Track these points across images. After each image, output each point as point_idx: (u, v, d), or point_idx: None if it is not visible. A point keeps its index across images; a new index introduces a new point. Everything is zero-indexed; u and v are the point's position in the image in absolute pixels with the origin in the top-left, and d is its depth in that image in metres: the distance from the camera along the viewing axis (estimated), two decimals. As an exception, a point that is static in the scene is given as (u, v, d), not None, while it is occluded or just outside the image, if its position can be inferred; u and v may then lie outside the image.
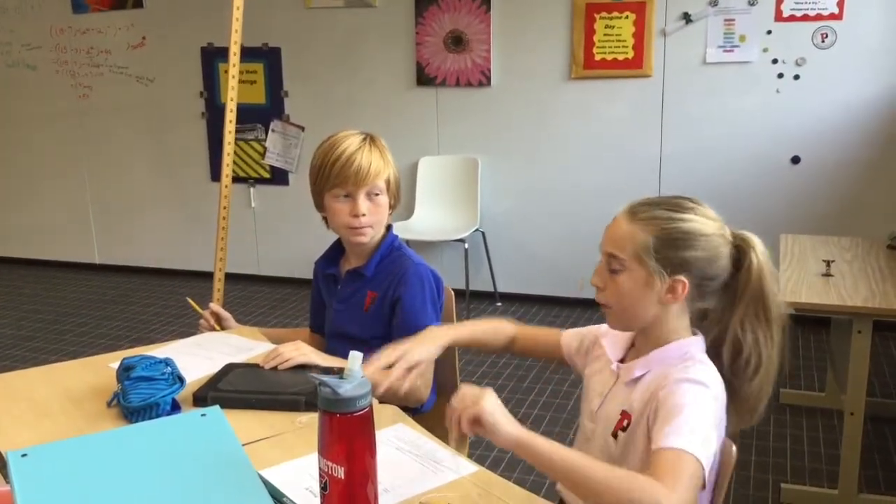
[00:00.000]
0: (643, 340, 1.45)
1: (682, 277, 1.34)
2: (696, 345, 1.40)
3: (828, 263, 2.79)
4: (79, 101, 5.51)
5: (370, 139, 1.92)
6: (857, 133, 4.18)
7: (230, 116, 2.42)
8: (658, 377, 1.36)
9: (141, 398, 1.54)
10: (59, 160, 5.67)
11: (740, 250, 1.38)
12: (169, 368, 1.62)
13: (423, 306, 1.91)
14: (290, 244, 5.19)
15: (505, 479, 1.32)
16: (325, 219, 1.98)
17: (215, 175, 5.31)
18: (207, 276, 2.19)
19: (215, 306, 2.14)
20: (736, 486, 2.81)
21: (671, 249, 1.34)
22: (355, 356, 1.15)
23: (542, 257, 4.77)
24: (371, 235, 1.93)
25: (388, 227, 2.00)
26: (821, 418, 3.31)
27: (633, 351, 1.49)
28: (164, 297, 5.09)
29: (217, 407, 1.31)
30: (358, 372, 1.13)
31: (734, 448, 1.41)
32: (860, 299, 2.50)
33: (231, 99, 2.44)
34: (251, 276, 5.33)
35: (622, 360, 1.48)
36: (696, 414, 1.26)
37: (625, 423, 1.39)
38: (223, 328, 2.10)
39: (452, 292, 2.07)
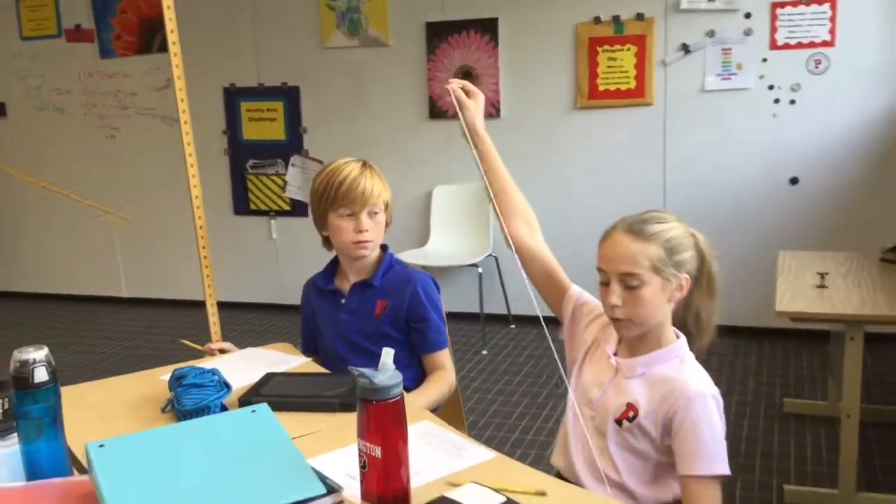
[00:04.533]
0: (640, 340, 1.64)
1: (685, 275, 1.60)
2: (684, 346, 1.64)
3: (822, 276, 2.94)
4: (106, 141, 5.76)
5: (368, 166, 2.18)
6: (852, 154, 4.34)
7: (186, 129, 2.56)
8: (664, 378, 1.58)
9: (193, 402, 1.72)
10: (88, 199, 5.90)
11: (695, 243, 1.64)
12: (216, 377, 1.81)
13: (440, 316, 2.19)
14: (310, 273, 5.34)
15: (520, 463, 1.49)
16: (325, 238, 2.25)
17: (238, 209, 5.53)
18: (232, 306, 2.37)
19: (216, 343, 2.32)
20: (741, 490, 2.95)
21: (676, 254, 1.59)
22: (388, 352, 1.33)
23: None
24: (372, 250, 2.19)
25: (384, 246, 2.25)
26: (823, 426, 3.44)
27: (624, 346, 1.69)
28: (194, 327, 5.27)
29: (265, 404, 1.49)
30: (391, 366, 1.32)
31: None
32: (851, 308, 2.65)
33: (181, 100, 2.54)
34: (275, 305, 5.51)
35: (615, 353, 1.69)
36: (713, 429, 1.53)
37: (630, 413, 1.59)
38: None
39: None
